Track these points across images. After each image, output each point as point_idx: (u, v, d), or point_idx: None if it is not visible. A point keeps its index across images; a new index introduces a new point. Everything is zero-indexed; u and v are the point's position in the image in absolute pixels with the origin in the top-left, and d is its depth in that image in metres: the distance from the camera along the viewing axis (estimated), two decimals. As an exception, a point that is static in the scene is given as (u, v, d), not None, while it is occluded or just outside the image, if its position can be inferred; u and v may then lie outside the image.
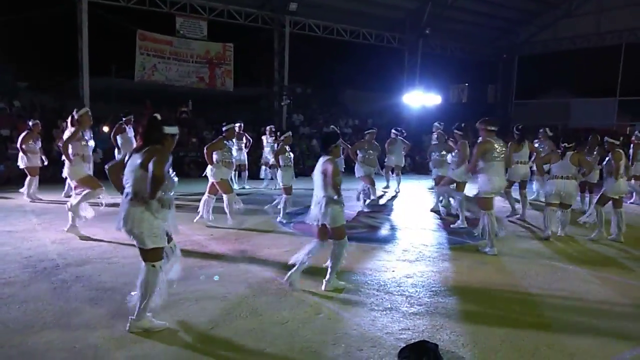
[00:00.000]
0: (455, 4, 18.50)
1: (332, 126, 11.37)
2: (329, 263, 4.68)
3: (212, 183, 7.30)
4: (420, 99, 19.33)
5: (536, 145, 9.60)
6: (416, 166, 16.86)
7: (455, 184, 8.03)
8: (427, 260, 5.84)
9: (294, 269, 4.66)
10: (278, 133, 9.98)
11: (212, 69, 16.71)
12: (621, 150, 7.10)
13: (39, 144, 9.53)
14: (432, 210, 9.05)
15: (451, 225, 7.73)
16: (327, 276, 4.67)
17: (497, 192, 6.38)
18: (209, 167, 7.24)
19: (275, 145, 10.29)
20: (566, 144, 6.90)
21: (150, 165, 3.40)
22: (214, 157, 7.14)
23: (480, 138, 6.16)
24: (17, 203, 8.92)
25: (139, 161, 3.52)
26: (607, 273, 5.51)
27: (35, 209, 8.35)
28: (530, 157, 8.86)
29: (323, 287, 4.65)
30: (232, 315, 4.00)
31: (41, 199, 9.22)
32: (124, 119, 10.51)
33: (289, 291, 4.58)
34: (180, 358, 3.29)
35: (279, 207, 7.94)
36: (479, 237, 6.32)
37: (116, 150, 10.44)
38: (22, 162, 9.37)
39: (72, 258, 5.49)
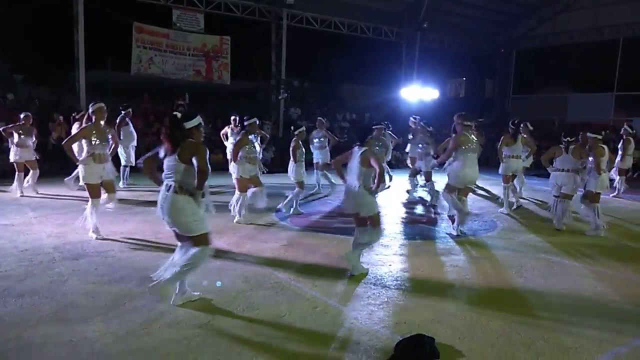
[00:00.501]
0: (453, -3, 18.44)
1: (319, 118, 11.17)
2: (358, 245, 5.00)
3: (236, 179, 7.12)
4: (417, 93, 19.29)
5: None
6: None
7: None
8: (423, 254, 5.85)
9: (354, 256, 4.92)
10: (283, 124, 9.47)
11: (209, 62, 16.63)
12: (603, 146, 7.15)
13: (33, 138, 9.14)
14: (431, 205, 9.03)
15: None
16: (353, 256, 4.94)
17: (469, 182, 6.74)
18: (232, 164, 7.13)
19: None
20: (568, 139, 7.02)
21: (195, 161, 3.74)
22: (239, 153, 6.98)
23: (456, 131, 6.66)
24: (13, 197, 8.88)
25: (177, 157, 3.78)
26: (603, 268, 5.53)
27: (31, 203, 8.32)
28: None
29: (349, 274, 4.88)
30: (229, 309, 4.00)
31: (33, 195, 8.87)
32: (123, 112, 10.52)
33: (286, 285, 4.59)
34: (177, 351, 3.30)
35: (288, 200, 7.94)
36: (461, 235, 6.70)
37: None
38: (12, 156, 9.05)
39: (68, 252, 5.48)
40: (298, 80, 20.93)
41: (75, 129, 10.02)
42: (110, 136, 6.38)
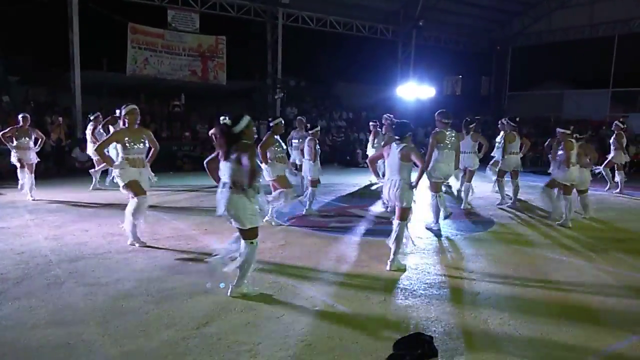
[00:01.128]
0: (449, -5, 18.46)
1: (298, 117, 10.99)
2: (391, 243, 5.15)
3: (272, 183, 7.00)
4: (414, 91, 19.29)
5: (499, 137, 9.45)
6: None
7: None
8: (421, 252, 5.85)
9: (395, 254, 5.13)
10: (308, 126, 9.11)
11: (205, 62, 16.59)
12: (573, 140, 7.31)
13: (32, 139, 8.86)
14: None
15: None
16: (392, 256, 5.13)
17: (445, 177, 7.09)
18: (264, 166, 6.83)
19: None
20: (577, 135, 7.39)
21: (245, 161, 3.97)
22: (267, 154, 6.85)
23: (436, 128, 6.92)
24: (10, 199, 8.84)
25: (234, 157, 4.07)
26: (601, 264, 5.54)
27: (28, 205, 8.28)
28: (520, 148, 8.92)
29: (388, 267, 5.05)
30: (227, 310, 3.99)
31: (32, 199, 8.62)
32: (92, 118, 10.14)
33: (285, 285, 4.58)
34: (175, 352, 3.28)
35: (304, 199, 7.94)
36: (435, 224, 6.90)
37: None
38: (13, 159, 8.83)
39: (65, 254, 5.45)
40: (294, 79, 20.92)
41: (89, 130, 10.09)
42: (146, 140, 5.87)
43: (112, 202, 8.72)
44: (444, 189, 8.85)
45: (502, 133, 9.04)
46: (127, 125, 5.78)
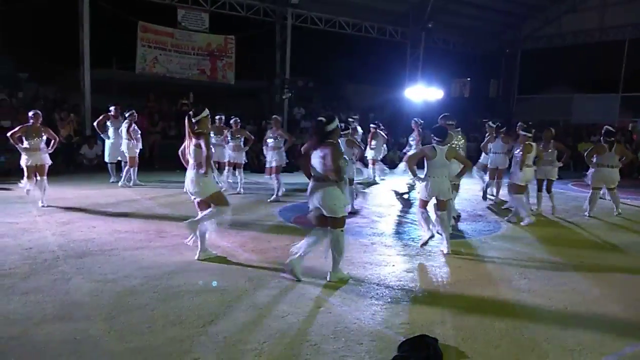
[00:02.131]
0: (459, -3, 18.39)
1: (274, 116, 10.68)
2: (436, 229, 5.96)
3: None
4: (422, 93, 19.25)
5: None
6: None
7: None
8: (427, 254, 5.84)
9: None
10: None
11: (214, 61, 16.64)
12: (532, 144, 7.68)
13: (43, 139, 8.03)
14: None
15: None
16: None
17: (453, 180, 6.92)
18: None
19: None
20: (607, 137, 8.15)
21: (328, 160, 4.47)
22: None
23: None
24: (18, 195, 8.90)
25: (321, 154, 4.54)
26: (607, 269, 5.50)
27: (36, 201, 8.33)
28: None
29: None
30: (233, 308, 4.01)
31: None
32: (127, 116, 10.35)
33: (290, 285, 4.59)
34: (180, 350, 3.30)
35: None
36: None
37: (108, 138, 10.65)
38: (23, 160, 7.95)
39: (72, 250, 5.49)
40: (302, 80, 20.93)
41: (125, 128, 10.25)
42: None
43: (121, 199, 8.78)
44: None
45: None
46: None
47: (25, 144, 7.87)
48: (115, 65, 18.13)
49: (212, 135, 9.53)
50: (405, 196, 10.40)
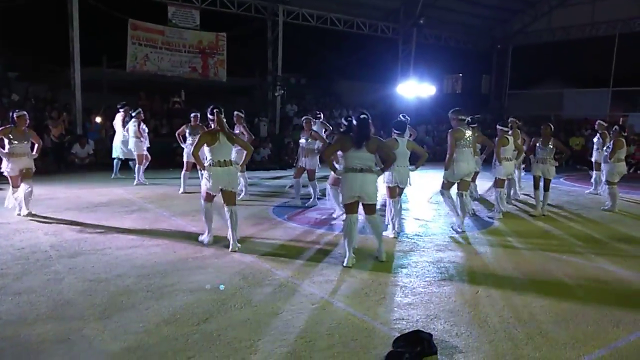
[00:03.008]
0: (450, -7, 18.43)
1: (236, 112, 10.22)
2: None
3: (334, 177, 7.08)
4: (414, 89, 19.28)
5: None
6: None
7: None
8: (421, 250, 5.86)
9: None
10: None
11: (205, 58, 16.55)
12: (508, 137, 7.95)
13: (28, 142, 7.10)
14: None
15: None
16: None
17: (465, 175, 6.86)
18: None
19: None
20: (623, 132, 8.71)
21: (381, 152, 5.35)
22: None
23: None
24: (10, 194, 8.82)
25: (366, 149, 5.15)
26: (600, 263, 5.55)
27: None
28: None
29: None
30: (227, 306, 4.00)
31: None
32: (134, 115, 10.59)
33: (284, 282, 4.59)
34: (175, 349, 3.29)
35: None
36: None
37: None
38: (4, 167, 7.04)
39: (64, 250, 5.46)
40: (294, 77, 20.89)
41: (134, 126, 10.45)
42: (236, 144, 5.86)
43: (113, 198, 8.73)
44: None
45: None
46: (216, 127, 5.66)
47: (8, 149, 6.91)
48: (105, 63, 17.98)
49: (188, 135, 9.57)
50: None
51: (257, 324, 3.68)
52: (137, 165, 10.58)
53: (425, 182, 10.87)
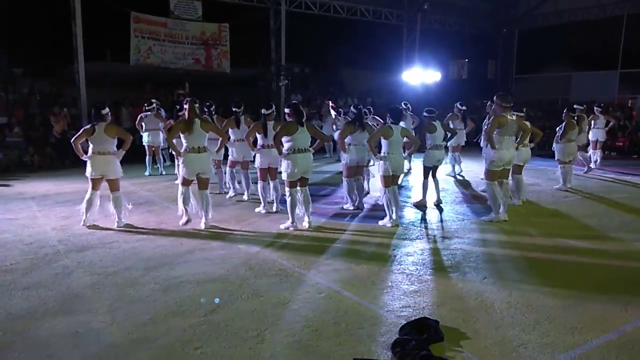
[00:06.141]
0: (454, -23, 18.19)
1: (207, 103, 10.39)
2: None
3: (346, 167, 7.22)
4: (419, 76, 19.11)
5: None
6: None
7: None
8: (427, 238, 5.85)
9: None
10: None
11: (208, 50, 16.49)
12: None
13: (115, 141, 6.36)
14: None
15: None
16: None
17: (506, 164, 6.63)
18: (342, 153, 7.18)
19: None
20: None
21: (410, 136, 6.56)
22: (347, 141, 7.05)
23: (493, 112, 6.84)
24: (17, 190, 8.91)
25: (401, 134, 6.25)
26: (607, 247, 5.51)
27: (35, 196, 8.34)
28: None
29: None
30: (234, 297, 4.02)
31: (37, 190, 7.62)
32: (149, 108, 10.79)
33: (290, 272, 4.60)
34: (183, 339, 3.31)
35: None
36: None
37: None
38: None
39: (72, 244, 5.50)
40: (298, 66, 20.77)
41: (149, 118, 10.67)
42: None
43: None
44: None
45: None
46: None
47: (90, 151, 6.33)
48: (109, 57, 17.97)
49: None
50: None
51: (264, 314, 3.70)
52: (147, 157, 10.89)
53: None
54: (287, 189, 6.14)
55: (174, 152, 6.45)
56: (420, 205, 7.61)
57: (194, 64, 16.34)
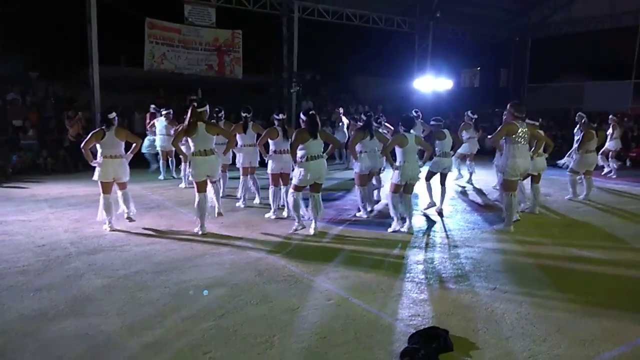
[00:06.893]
0: (467, -14, 18.19)
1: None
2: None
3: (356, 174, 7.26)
4: (431, 84, 19.09)
5: None
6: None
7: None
8: (437, 246, 5.82)
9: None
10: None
11: (221, 56, 16.62)
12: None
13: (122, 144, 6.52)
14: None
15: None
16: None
17: (522, 173, 6.61)
18: (354, 161, 7.20)
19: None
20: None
21: (424, 144, 6.53)
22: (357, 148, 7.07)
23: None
24: (31, 192, 9.02)
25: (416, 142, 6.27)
26: (619, 258, 5.44)
27: (48, 199, 8.44)
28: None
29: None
30: (243, 302, 4.03)
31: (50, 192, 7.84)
32: (163, 112, 11.04)
33: (299, 278, 4.60)
34: (192, 344, 3.32)
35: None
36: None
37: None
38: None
39: (84, 246, 5.55)
40: (310, 73, 20.84)
41: (165, 124, 10.77)
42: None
43: (132, 195, 8.82)
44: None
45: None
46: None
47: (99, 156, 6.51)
48: (124, 62, 18.19)
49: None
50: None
51: (273, 320, 3.70)
52: (161, 161, 11.06)
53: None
54: (291, 190, 6.29)
55: (181, 155, 6.62)
56: (431, 207, 7.72)
57: (207, 70, 16.47)
